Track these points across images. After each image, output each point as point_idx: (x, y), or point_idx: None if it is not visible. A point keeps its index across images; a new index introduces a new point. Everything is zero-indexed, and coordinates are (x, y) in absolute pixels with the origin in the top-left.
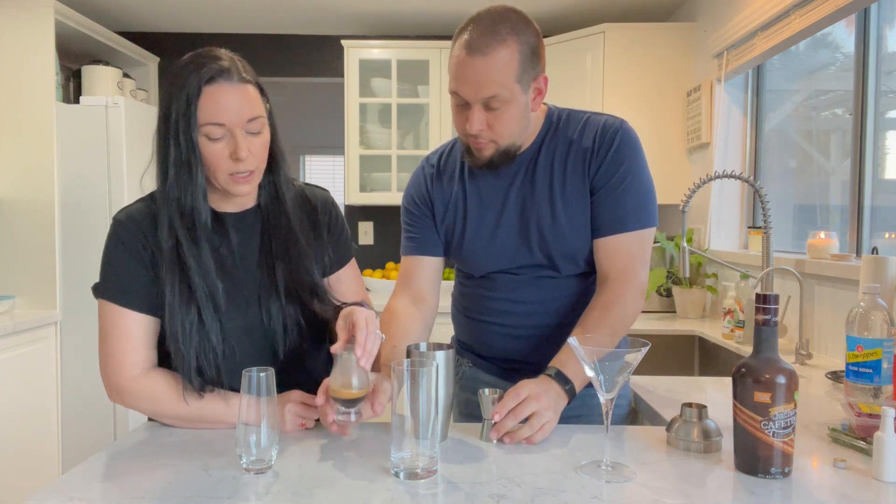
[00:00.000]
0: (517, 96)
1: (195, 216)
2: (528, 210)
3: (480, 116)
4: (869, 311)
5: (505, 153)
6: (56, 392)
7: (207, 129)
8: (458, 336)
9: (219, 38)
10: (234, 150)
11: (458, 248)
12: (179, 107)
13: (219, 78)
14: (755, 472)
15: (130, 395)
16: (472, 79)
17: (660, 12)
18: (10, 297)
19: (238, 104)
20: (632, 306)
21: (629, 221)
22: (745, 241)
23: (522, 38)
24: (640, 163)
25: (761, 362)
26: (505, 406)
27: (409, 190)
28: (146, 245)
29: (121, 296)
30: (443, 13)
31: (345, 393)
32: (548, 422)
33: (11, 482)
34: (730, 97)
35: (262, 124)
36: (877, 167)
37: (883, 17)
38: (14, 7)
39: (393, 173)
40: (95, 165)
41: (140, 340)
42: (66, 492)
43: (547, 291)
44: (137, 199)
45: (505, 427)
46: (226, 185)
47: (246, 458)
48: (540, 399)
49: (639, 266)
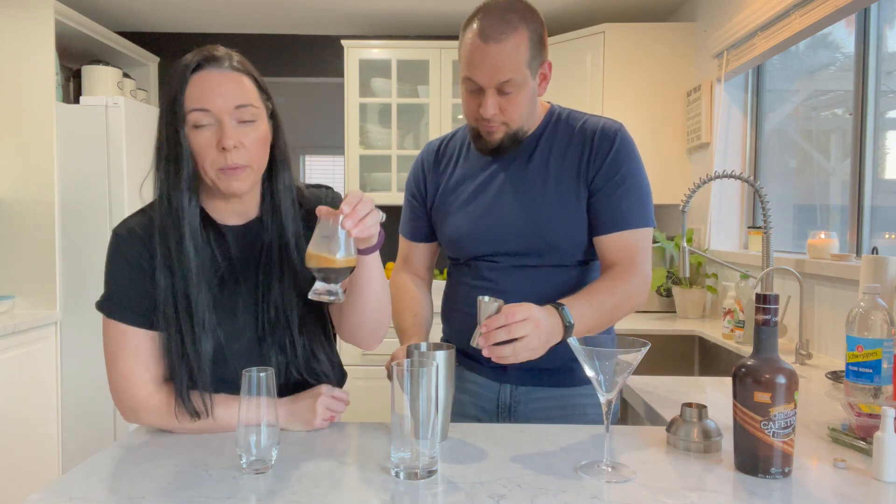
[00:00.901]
0: (528, 81)
1: (183, 221)
2: (518, 195)
3: (494, 101)
4: (869, 311)
5: (514, 136)
6: (56, 392)
7: (193, 116)
8: (445, 337)
9: (219, 39)
10: (221, 138)
11: (447, 227)
12: (167, 98)
13: (206, 65)
14: (755, 472)
15: (147, 412)
16: (487, 64)
17: (660, 12)
18: (10, 297)
19: (225, 90)
20: (637, 290)
21: (630, 220)
22: (745, 241)
23: (531, 26)
24: (639, 165)
25: (761, 362)
26: (497, 321)
27: (409, 175)
28: (147, 258)
29: (128, 314)
30: (443, 13)
31: (323, 259)
32: (533, 349)
33: (11, 482)
34: (730, 97)
35: (256, 115)
36: (877, 167)
37: (883, 17)
38: (14, 7)
39: (393, 173)
40: (95, 165)
41: (150, 357)
42: (66, 492)
43: (529, 282)
44: (137, 210)
45: (494, 339)
46: (216, 180)
47: (246, 458)
48: (538, 325)
49: (643, 259)
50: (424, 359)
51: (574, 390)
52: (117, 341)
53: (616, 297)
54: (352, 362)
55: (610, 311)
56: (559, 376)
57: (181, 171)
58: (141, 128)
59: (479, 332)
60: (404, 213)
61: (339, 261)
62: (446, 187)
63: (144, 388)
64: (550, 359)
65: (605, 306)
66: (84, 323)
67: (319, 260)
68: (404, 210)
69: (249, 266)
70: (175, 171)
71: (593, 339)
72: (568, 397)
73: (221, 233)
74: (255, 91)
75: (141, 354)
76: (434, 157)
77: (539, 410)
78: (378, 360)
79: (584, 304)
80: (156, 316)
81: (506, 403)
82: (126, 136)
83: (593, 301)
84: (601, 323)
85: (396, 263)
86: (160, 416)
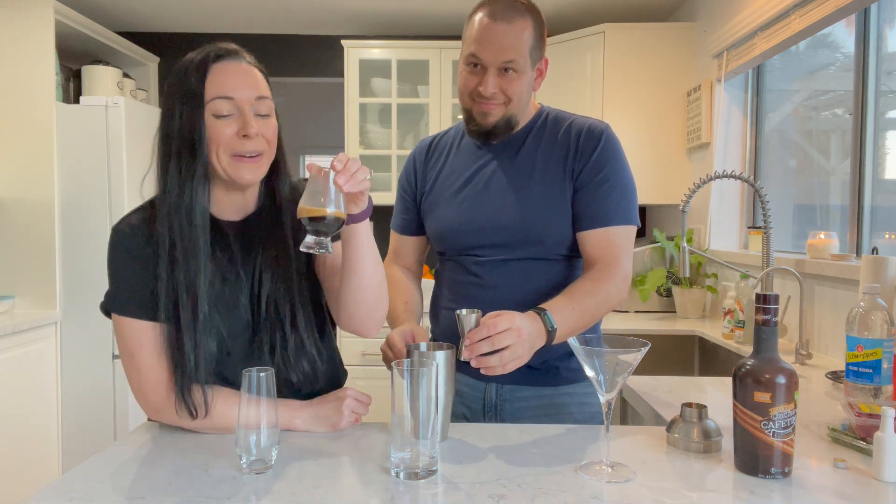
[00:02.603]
0: (527, 69)
1: (192, 215)
2: (504, 188)
3: (495, 80)
4: (869, 311)
5: (508, 121)
6: (56, 392)
7: (216, 105)
8: (434, 336)
9: (219, 39)
10: (242, 126)
11: (435, 219)
12: (184, 88)
13: (227, 57)
14: (755, 472)
15: (172, 411)
16: (494, 43)
17: (660, 12)
18: (10, 297)
19: (248, 81)
20: (617, 290)
21: (613, 217)
22: (745, 241)
23: (535, 18)
24: (624, 164)
25: (761, 362)
26: (479, 333)
27: (402, 170)
28: (151, 253)
29: (140, 310)
30: (443, 13)
31: (314, 211)
32: (518, 357)
33: (11, 482)
34: (730, 97)
35: (271, 108)
36: (877, 167)
37: (883, 17)
38: (14, 7)
39: (393, 173)
40: (95, 165)
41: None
42: (66, 492)
43: (514, 277)
44: (134, 208)
45: (479, 351)
46: (228, 168)
47: (246, 458)
48: (521, 334)
49: (624, 257)
50: (424, 359)
51: (560, 389)
52: (134, 339)
53: (597, 298)
54: (352, 362)
55: (591, 311)
56: (545, 375)
57: (197, 160)
58: (141, 128)
59: (464, 345)
60: (396, 208)
61: (330, 213)
62: (436, 181)
63: (168, 385)
64: (535, 357)
65: (586, 308)
66: (84, 323)
67: (310, 212)
68: (396, 205)
69: (247, 261)
70: (189, 162)
71: (593, 340)
72: (554, 396)
73: (220, 227)
74: (267, 87)
75: (162, 350)
76: (426, 153)
77: (525, 409)
78: (378, 360)
79: (567, 308)
80: (159, 310)
81: (492, 402)
82: (126, 136)
83: (575, 303)
84: (583, 324)
85: (387, 257)
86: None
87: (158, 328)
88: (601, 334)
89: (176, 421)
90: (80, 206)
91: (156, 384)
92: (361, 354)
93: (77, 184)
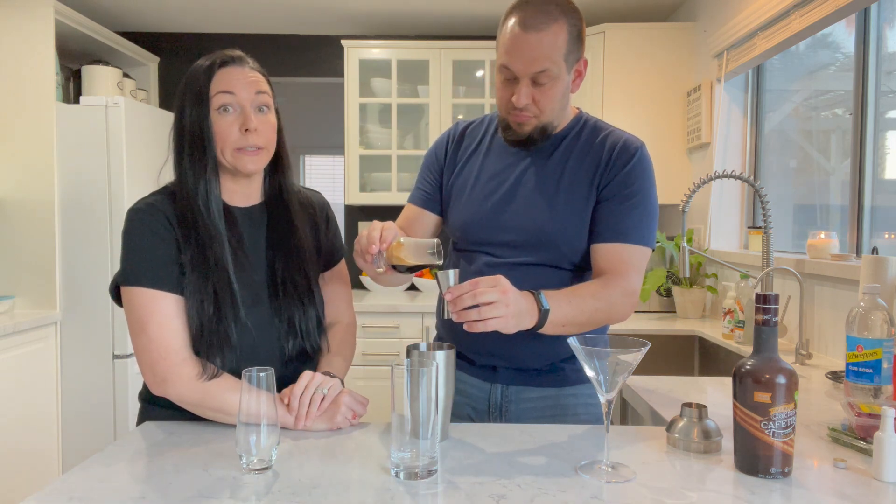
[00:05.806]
0: (563, 74)
1: (208, 202)
2: (531, 189)
3: (528, 90)
4: (869, 311)
5: (543, 129)
6: (56, 392)
7: (219, 98)
8: (440, 335)
9: (219, 38)
10: (243, 121)
11: (458, 209)
12: (193, 90)
13: (231, 63)
14: (755, 472)
15: (180, 381)
16: (525, 53)
17: (660, 12)
18: (10, 297)
19: (249, 82)
20: (621, 301)
21: (631, 234)
22: (745, 241)
23: (570, 20)
24: (652, 185)
25: (761, 362)
26: (461, 288)
27: (434, 144)
28: (169, 228)
29: (154, 280)
30: (443, 13)
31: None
32: (500, 317)
33: (11, 482)
34: (730, 97)
35: (270, 104)
36: (877, 167)
37: (883, 17)
38: (14, 7)
39: (393, 173)
40: (95, 165)
41: (181, 322)
42: (66, 492)
43: (524, 281)
44: (149, 193)
45: (461, 304)
46: (233, 159)
47: (246, 458)
48: (505, 293)
49: (635, 275)
50: (424, 359)
51: (565, 390)
52: (146, 308)
53: (598, 301)
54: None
55: (589, 312)
56: (550, 376)
57: (206, 152)
58: (141, 128)
59: (447, 300)
60: (417, 181)
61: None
62: (463, 169)
63: (178, 354)
64: (540, 359)
65: (585, 306)
66: (84, 323)
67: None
68: (418, 179)
69: (259, 243)
70: (200, 157)
71: (593, 340)
72: (559, 397)
73: (230, 211)
74: (268, 86)
75: (172, 321)
76: (460, 136)
77: (531, 410)
78: (378, 360)
79: (564, 299)
80: (185, 281)
81: (497, 403)
82: (126, 136)
83: (574, 297)
84: (579, 322)
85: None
86: (190, 388)
87: (171, 299)
88: (608, 337)
89: (178, 392)
90: (80, 207)
91: (165, 351)
92: (361, 354)
93: (77, 184)
